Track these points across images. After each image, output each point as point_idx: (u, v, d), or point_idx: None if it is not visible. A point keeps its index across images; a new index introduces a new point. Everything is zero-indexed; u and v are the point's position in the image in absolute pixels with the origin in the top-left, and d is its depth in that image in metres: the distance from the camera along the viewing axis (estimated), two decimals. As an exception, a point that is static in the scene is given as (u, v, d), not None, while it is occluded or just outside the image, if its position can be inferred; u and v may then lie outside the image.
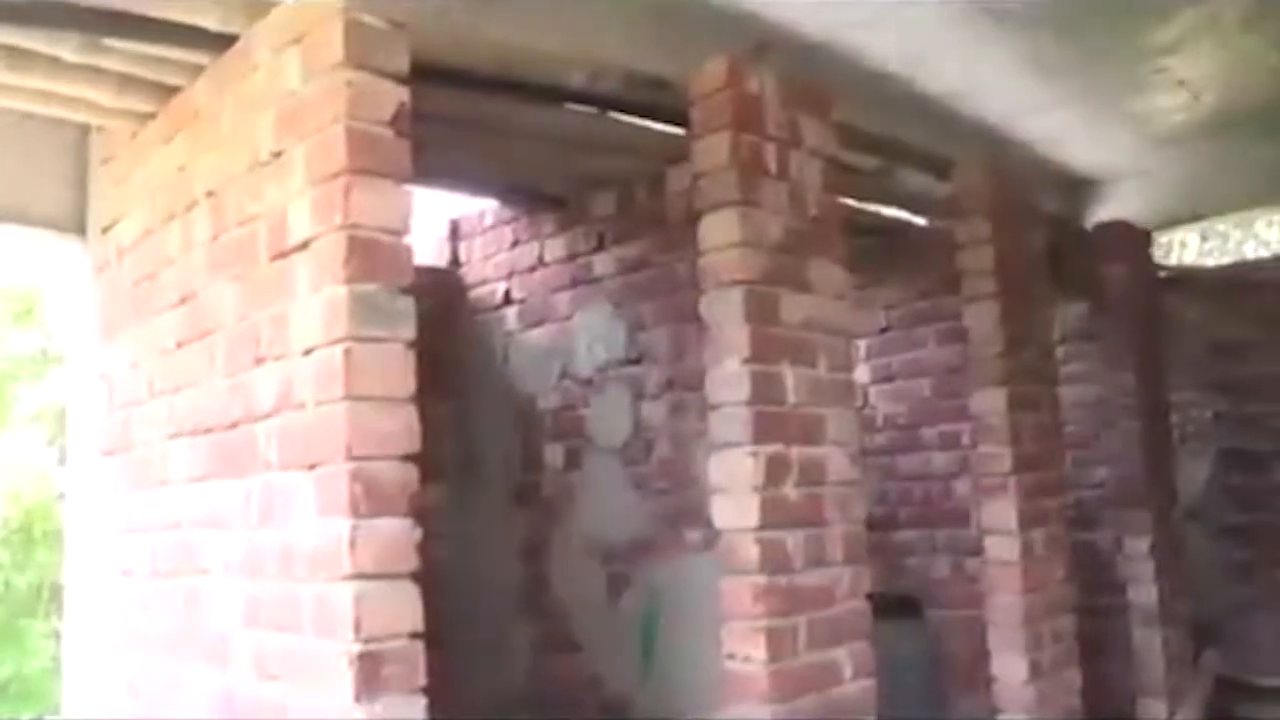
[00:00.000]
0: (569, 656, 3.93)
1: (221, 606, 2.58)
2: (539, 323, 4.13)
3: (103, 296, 3.35)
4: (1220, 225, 8.21)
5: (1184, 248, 6.85)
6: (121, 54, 2.73)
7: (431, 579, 4.24)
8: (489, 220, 4.40)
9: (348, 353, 2.19)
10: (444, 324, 4.41)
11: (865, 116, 4.01)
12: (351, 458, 2.17)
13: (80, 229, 3.46)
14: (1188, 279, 6.06)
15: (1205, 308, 6.04)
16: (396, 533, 2.22)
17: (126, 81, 2.89)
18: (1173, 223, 6.34)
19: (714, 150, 3.05)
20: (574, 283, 4.01)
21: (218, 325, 2.67)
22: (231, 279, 2.62)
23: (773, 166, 3.13)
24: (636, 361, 3.77)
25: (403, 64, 2.32)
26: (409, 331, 2.28)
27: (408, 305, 2.29)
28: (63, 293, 3.58)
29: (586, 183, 3.98)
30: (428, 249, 4.54)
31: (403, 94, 2.31)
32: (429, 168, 3.83)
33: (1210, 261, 7.03)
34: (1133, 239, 5.19)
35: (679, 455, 3.59)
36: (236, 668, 2.50)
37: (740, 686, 2.89)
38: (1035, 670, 3.87)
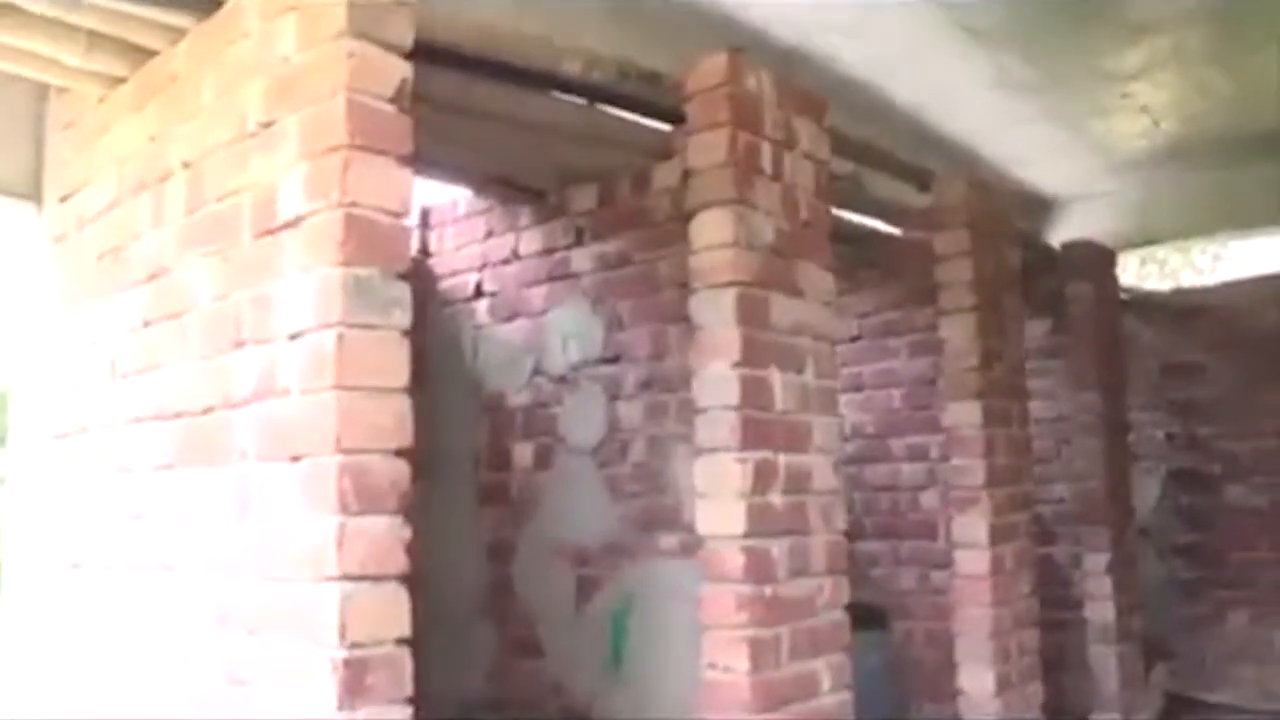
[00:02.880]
0: (531, 662, 3.82)
1: (188, 606, 2.43)
2: (511, 317, 4.02)
3: (60, 269, 3.17)
4: (1160, 251, 8.34)
5: (1123, 271, 6.96)
6: (95, 10, 2.58)
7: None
8: (462, 209, 4.27)
9: (340, 339, 2.06)
10: (412, 315, 4.27)
11: (838, 121, 3.99)
12: (341, 450, 2.04)
13: (35, 195, 3.28)
14: (1142, 301, 6.14)
15: (1159, 330, 6.11)
16: (386, 532, 2.08)
17: (97, 40, 2.72)
18: (1126, 245, 6.44)
19: (710, 147, 2.98)
20: (549, 278, 3.90)
21: (191, 305, 2.52)
22: (208, 256, 2.47)
23: (768, 167, 3.07)
24: (613, 361, 3.68)
25: (407, 38, 2.20)
26: (405, 319, 2.16)
27: (404, 291, 2.17)
28: (11, 263, 3.39)
29: (567, 176, 3.88)
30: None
31: (406, 69, 2.19)
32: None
33: (1148, 285, 7.12)
34: (1099, 259, 5.24)
35: (654, 458, 3.51)
36: (204, 672, 2.35)
37: (721, 696, 2.83)
38: (1002, 683, 3.87)
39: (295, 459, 2.14)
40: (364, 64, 2.14)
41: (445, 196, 4.34)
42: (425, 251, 4.34)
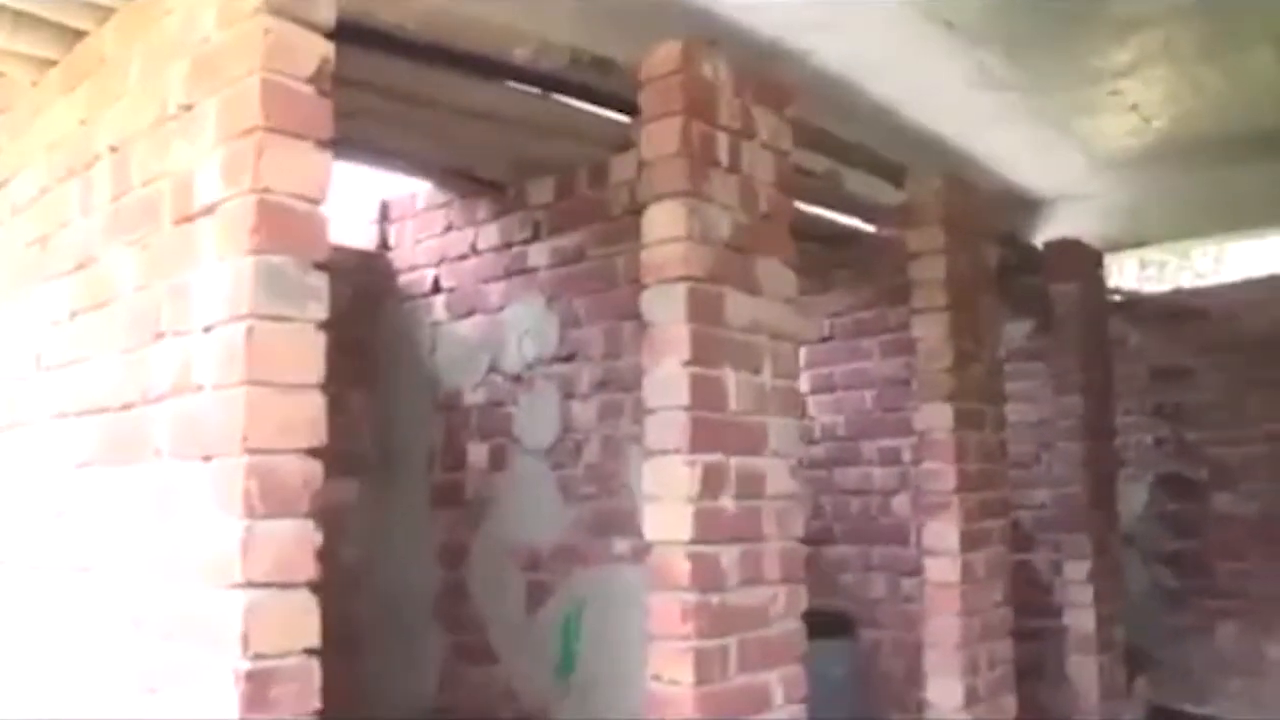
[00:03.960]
0: (484, 668, 3.71)
1: (106, 609, 2.33)
2: (469, 313, 3.91)
3: (-5, 259, 3.07)
4: (1159, 253, 8.24)
5: (1122, 273, 6.83)
6: (14, -14, 2.48)
7: (341, 581, 4.08)
8: (421, 203, 4.16)
9: (250, 331, 1.96)
10: (368, 309, 4.18)
11: (814, 118, 3.88)
12: (247, 450, 1.94)
13: (-25, 185, 3.18)
14: (1131, 303, 6.01)
15: (1147, 333, 5.99)
16: (295, 536, 1.98)
17: (21, 19, 2.62)
18: (1115, 247, 6.32)
19: (662, 137, 2.87)
20: (507, 273, 3.80)
21: (115, 296, 2.42)
22: (131, 244, 2.37)
23: (724, 158, 2.96)
24: (568, 359, 3.57)
25: (327, 16, 2.10)
26: (320, 311, 2.05)
27: (321, 282, 2.06)
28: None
29: (525, 168, 3.78)
30: (356, 230, 4.29)
31: (326, 49, 2.09)
32: (359, 141, 3.67)
33: (1148, 288, 7.02)
34: (1085, 259, 5.12)
35: (608, 460, 3.40)
36: (119, 677, 2.25)
37: (664, 709, 2.71)
38: (971, 695, 3.75)
39: (207, 459, 2.04)
40: (280, 43, 2.04)
41: (406, 190, 4.22)
42: (384, 245, 4.24)
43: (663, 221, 2.84)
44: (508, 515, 3.69)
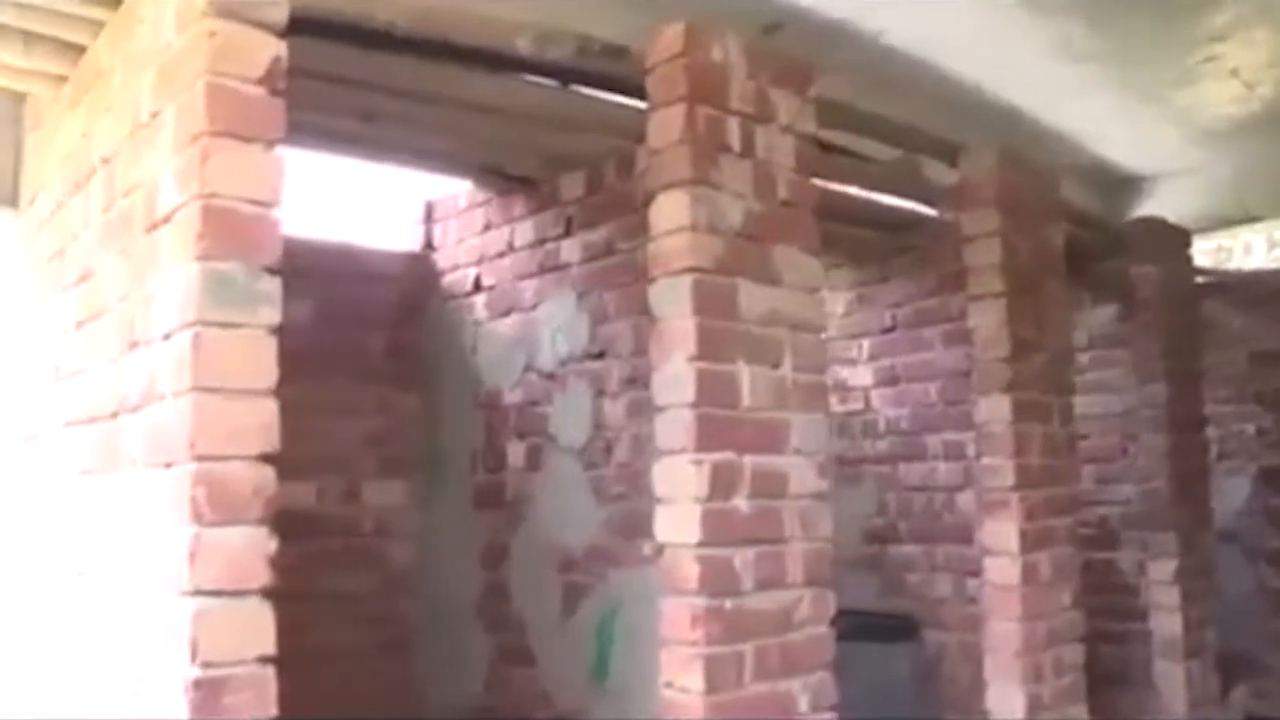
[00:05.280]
0: (525, 670, 3.66)
1: (96, 615, 2.35)
2: (507, 312, 3.86)
3: (27, 273, 3.16)
4: (1264, 230, 7.70)
5: (1248, 252, 6.41)
6: (17, 6, 2.52)
7: (391, 583, 4.09)
8: (463, 203, 4.13)
9: (196, 338, 1.93)
10: (414, 311, 4.18)
11: (883, 102, 3.72)
12: (196, 457, 1.91)
13: (13, 200, 3.28)
14: (1230, 285, 5.62)
15: (1248, 316, 5.58)
16: (247, 544, 1.94)
17: (31, 39, 2.69)
18: (1224, 224, 5.94)
19: (667, 124, 2.77)
20: (541, 270, 3.73)
21: (108, 306, 2.45)
22: (118, 255, 2.39)
23: (735, 143, 2.83)
24: (599, 356, 3.49)
25: (278, 14, 2.06)
26: (272, 315, 2.01)
27: (273, 286, 2.02)
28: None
29: (556, 163, 3.70)
30: (401, 232, 4.29)
31: (277, 47, 2.05)
32: (389, 143, 3.65)
33: (1250, 268, 6.54)
34: (1169, 238, 4.80)
35: (637, 459, 3.29)
36: (99, 684, 2.27)
37: (676, 717, 2.61)
38: (1034, 705, 3.54)
39: (169, 466, 2.03)
40: (226, 45, 2.00)
41: (450, 190, 4.20)
42: (430, 246, 4.23)
43: (667, 212, 2.74)
44: (544, 516, 3.63)
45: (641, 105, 3.18)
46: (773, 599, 2.75)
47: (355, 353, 4.03)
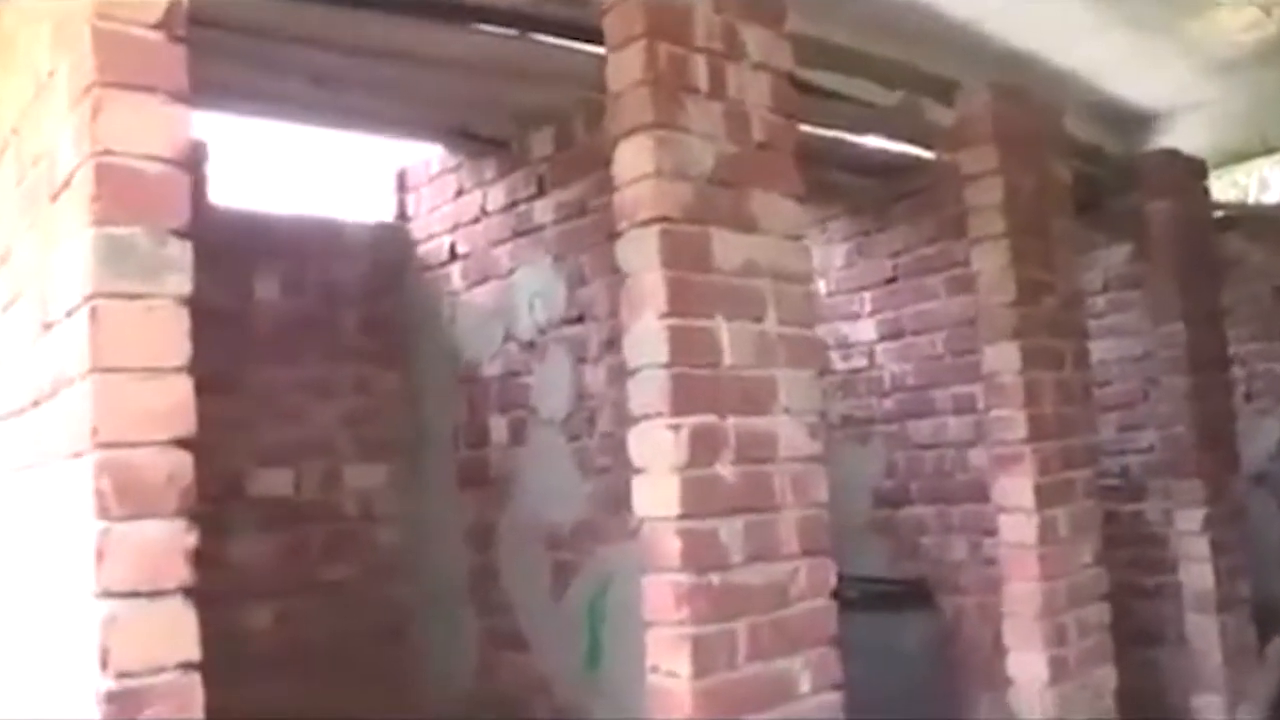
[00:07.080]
0: (517, 655, 3.48)
1: (7, 625, 2.18)
2: (483, 280, 3.66)
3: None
4: (1280, 162, 7.37)
5: (1264, 188, 6.17)
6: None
7: (379, 567, 3.93)
8: (435, 169, 3.93)
9: (94, 312, 1.74)
10: (389, 284, 3.99)
11: (884, 44, 3.51)
12: (99, 444, 1.72)
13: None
14: (1249, 218, 5.36)
15: (1271, 249, 5.32)
16: (162, 538, 1.75)
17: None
18: (1241, 157, 5.69)
19: (626, 64, 2.55)
20: (515, 234, 3.53)
21: (24, 287, 2.26)
22: (30, 229, 2.20)
23: (703, 84, 2.61)
24: (578, 320, 3.29)
25: (173, -48, 1.85)
26: (182, 284, 1.81)
27: (182, 251, 1.82)
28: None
29: (525, 120, 3.50)
30: (374, 203, 4.10)
31: (178, -10, 1.84)
32: (355, 110, 3.46)
33: (1269, 200, 6.30)
34: (1183, 171, 4.55)
35: (621, 428, 3.08)
36: (16, 700, 2.10)
37: (663, 704, 2.42)
38: (1058, 669, 3.34)
39: (78, 456, 1.84)
40: (116, -14, 1.80)
41: (421, 157, 4.00)
42: (403, 215, 4.03)
43: (630, 159, 2.54)
44: (529, 492, 3.45)
45: (602, 52, 2.99)
46: (765, 572, 2.56)
47: (329, 330, 3.85)
